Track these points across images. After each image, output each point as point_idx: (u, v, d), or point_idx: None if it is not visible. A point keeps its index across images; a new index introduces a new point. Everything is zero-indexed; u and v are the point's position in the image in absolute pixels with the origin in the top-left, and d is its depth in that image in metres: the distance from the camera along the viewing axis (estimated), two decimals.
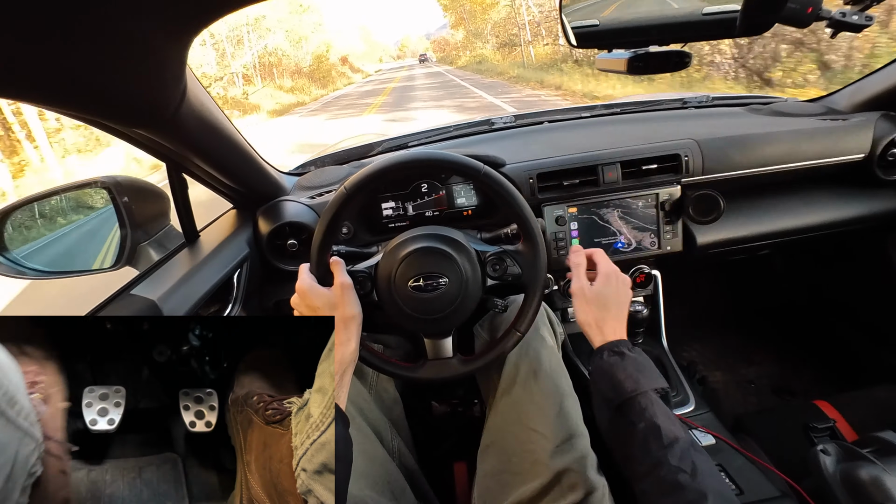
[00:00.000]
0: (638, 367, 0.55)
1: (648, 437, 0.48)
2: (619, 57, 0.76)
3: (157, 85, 0.46)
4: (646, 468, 0.47)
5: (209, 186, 0.82)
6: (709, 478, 0.44)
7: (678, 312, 1.14)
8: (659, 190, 0.97)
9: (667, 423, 0.49)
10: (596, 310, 0.61)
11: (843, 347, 1.33)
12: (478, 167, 0.63)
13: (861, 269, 1.24)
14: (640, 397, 0.51)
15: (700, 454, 0.47)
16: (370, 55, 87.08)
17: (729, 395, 1.32)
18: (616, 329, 0.60)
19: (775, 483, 0.73)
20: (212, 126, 0.64)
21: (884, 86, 1.02)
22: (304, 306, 0.63)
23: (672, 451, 0.46)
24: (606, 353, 0.57)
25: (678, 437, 0.48)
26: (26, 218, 0.73)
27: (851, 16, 0.74)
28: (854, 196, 1.05)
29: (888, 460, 0.67)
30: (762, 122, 1.08)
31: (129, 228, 0.73)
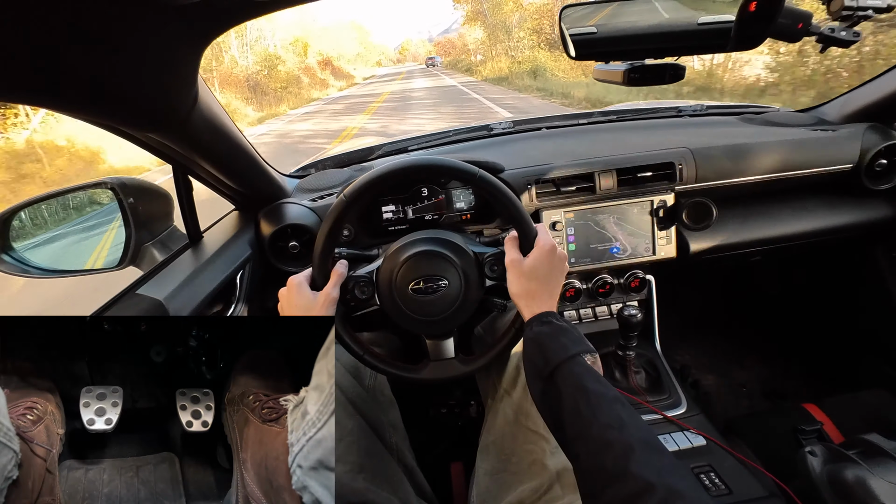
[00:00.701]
0: (566, 334, 0.55)
1: (578, 400, 0.48)
2: (616, 69, 0.78)
3: (171, 91, 0.48)
4: (576, 431, 0.47)
5: (212, 188, 0.83)
6: (635, 429, 0.43)
7: (671, 317, 1.16)
8: (653, 197, 1.00)
9: (593, 384, 0.49)
10: (527, 282, 0.61)
11: (832, 352, 1.35)
12: (473, 171, 0.64)
13: (849, 276, 1.27)
14: (569, 363, 0.51)
15: (625, 408, 0.46)
16: (365, 58, 77.36)
17: (721, 398, 1.34)
18: (547, 302, 0.60)
19: (764, 483, 0.75)
20: (220, 130, 0.65)
21: (872, 97, 1.05)
22: (284, 300, 0.64)
23: (600, 409, 0.46)
24: (535, 324, 0.57)
25: (605, 395, 0.47)
26: (32, 217, 0.74)
27: (839, 31, 0.76)
28: (843, 205, 1.08)
29: (873, 462, 0.69)
30: (755, 132, 1.11)
31: (134, 229, 0.74)
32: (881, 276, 1.15)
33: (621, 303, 1.11)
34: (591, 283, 1.07)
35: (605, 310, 1.13)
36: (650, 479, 0.38)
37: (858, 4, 0.75)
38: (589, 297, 1.09)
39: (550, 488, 0.62)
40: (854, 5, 0.75)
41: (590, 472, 0.44)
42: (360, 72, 53.07)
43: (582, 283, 1.07)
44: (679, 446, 0.84)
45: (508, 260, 0.63)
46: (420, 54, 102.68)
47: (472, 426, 1.21)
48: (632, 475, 0.39)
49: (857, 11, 0.75)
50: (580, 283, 1.07)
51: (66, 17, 0.32)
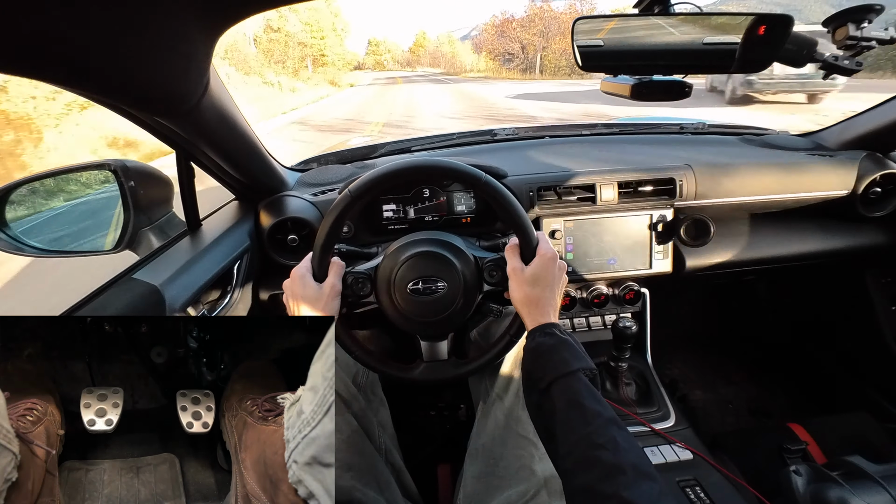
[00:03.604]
0: (568, 349, 0.54)
1: (572, 416, 0.48)
2: (623, 82, 0.79)
3: (183, 77, 0.48)
4: (568, 447, 0.47)
5: (214, 176, 0.83)
6: (628, 453, 0.43)
7: (663, 330, 1.17)
8: (652, 211, 1.01)
9: (591, 402, 0.48)
10: (530, 290, 0.61)
11: (819, 374, 1.37)
12: (479, 175, 0.64)
13: (839, 300, 1.30)
14: (568, 378, 0.51)
15: (621, 431, 0.46)
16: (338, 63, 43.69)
17: (708, 414, 1.35)
18: (549, 312, 0.60)
19: (748, 499, 0.76)
20: (227, 119, 0.65)
21: (870, 126, 1.07)
22: (290, 292, 0.64)
23: (594, 428, 0.46)
24: (538, 335, 0.57)
25: (601, 415, 0.47)
26: (30, 195, 0.73)
27: (843, 60, 0.78)
28: (837, 230, 1.10)
29: (855, 484, 0.70)
30: (754, 153, 1.13)
31: (133, 213, 0.73)
32: (869, 301, 1.17)
33: (615, 314, 1.12)
34: (587, 292, 1.08)
35: (598, 320, 1.13)
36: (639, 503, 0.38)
37: (862, 35, 0.77)
38: (584, 306, 1.10)
39: (537, 494, 0.62)
40: (858, 35, 0.76)
41: (578, 490, 0.44)
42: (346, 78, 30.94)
43: (577, 293, 1.08)
44: (666, 459, 0.84)
45: (510, 268, 0.63)
46: (443, 56, 69.18)
47: (460, 430, 1.21)
48: (620, 500, 0.39)
49: (860, 41, 0.77)
50: (575, 293, 1.08)
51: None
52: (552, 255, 0.63)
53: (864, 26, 0.77)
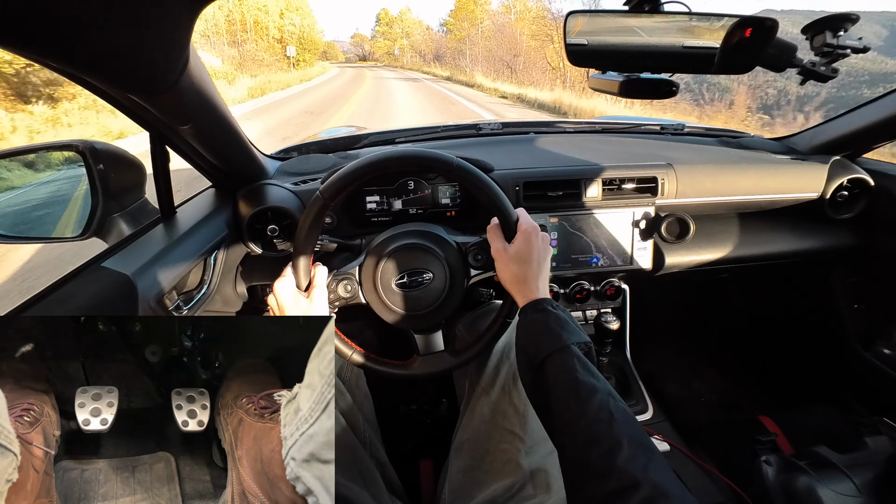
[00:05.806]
0: (561, 323, 0.54)
1: (568, 391, 0.48)
2: (612, 79, 0.80)
3: (161, 52, 0.45)
4: (564, 422, 0.47)
5: (191, 162, 0.79)
6: (625, 425, 0.43)
7: (640, 326, 1.20)
8: (635, 209, 1.02)
9: (587, 376, 0.48)
10: (516, 267, 0.60)
11: (787, 369, 1.44)
12: (450, 159, 0.62)
13: (807, 298, 1.35)
14: (562, 353, 0.51)
15: (616, 403, 0.46)
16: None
17: (682, 407, 1.39)
18: (539, 286, 0.60)
19: (722, 489, 0.78)
20: (206, 101, 0.62)
21: (840, 132, 1.12)
22: (275, 307, 0.64)
23: (590, 402, 0.45)
24: (530, 311, 0.57)
25: (596, 388, 0.47)
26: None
27: (819, 66, 0.81)
28: (808, 230, 1.14)
29: (821, 472, 0.74)
30: (731, 155, 1.16)
31: (102, 198, 0.69)
32: (835, 300, 1.23)
33: (596, 309, 1.14)
34: (569, 288, 1.09)
35: (579, 315, 1.15)
36: (636, 476, 0.38)
37: (838, 43, 0.80)
38: (566, 301, 1.11)
39: (523, 488, 0.62)
40: (835, 43, 0.79)
41: (575, 464, 0.44)
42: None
43: (560, 288, 1.09)
44: None
45: (494, 249, 0.63)
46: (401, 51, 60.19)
47: (442, 424, 1.21)
48: (618, 471, 0.39)
49: (836, 49, 0.80)
50: (558, 288, 1.09)
51: None
52: (534, 228, 0.62)
53: (841, 34, 0.79)
